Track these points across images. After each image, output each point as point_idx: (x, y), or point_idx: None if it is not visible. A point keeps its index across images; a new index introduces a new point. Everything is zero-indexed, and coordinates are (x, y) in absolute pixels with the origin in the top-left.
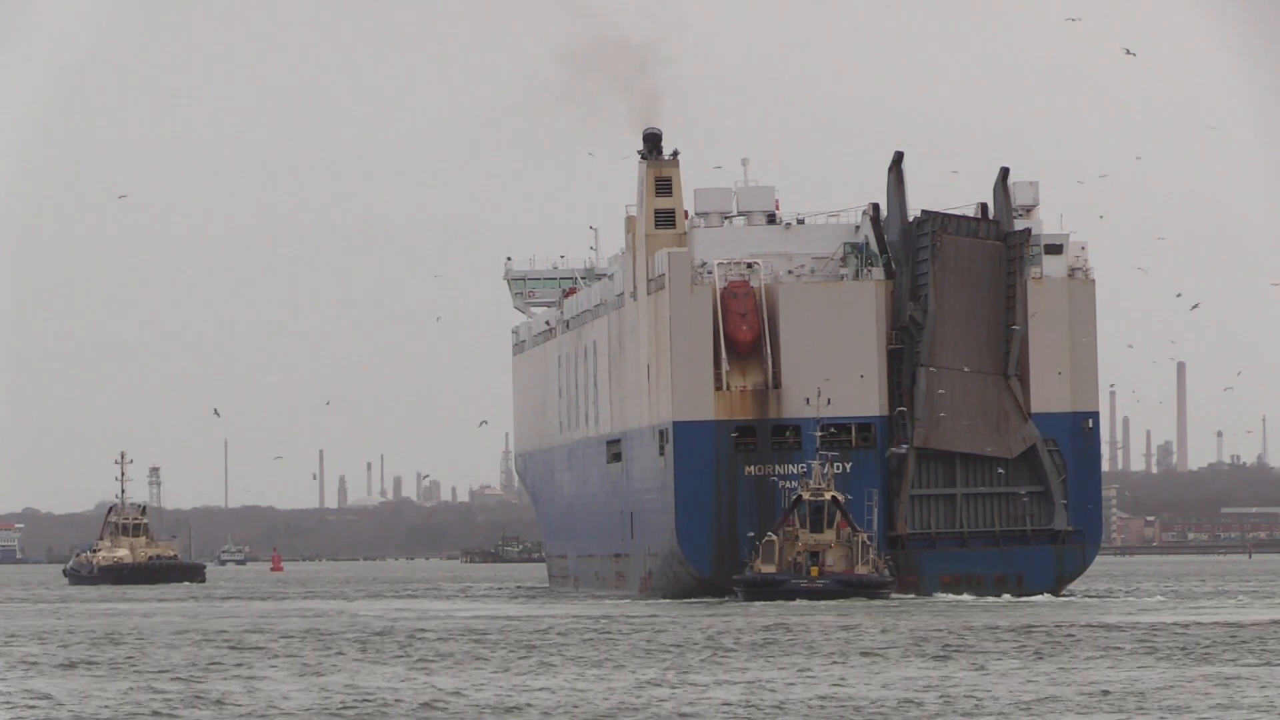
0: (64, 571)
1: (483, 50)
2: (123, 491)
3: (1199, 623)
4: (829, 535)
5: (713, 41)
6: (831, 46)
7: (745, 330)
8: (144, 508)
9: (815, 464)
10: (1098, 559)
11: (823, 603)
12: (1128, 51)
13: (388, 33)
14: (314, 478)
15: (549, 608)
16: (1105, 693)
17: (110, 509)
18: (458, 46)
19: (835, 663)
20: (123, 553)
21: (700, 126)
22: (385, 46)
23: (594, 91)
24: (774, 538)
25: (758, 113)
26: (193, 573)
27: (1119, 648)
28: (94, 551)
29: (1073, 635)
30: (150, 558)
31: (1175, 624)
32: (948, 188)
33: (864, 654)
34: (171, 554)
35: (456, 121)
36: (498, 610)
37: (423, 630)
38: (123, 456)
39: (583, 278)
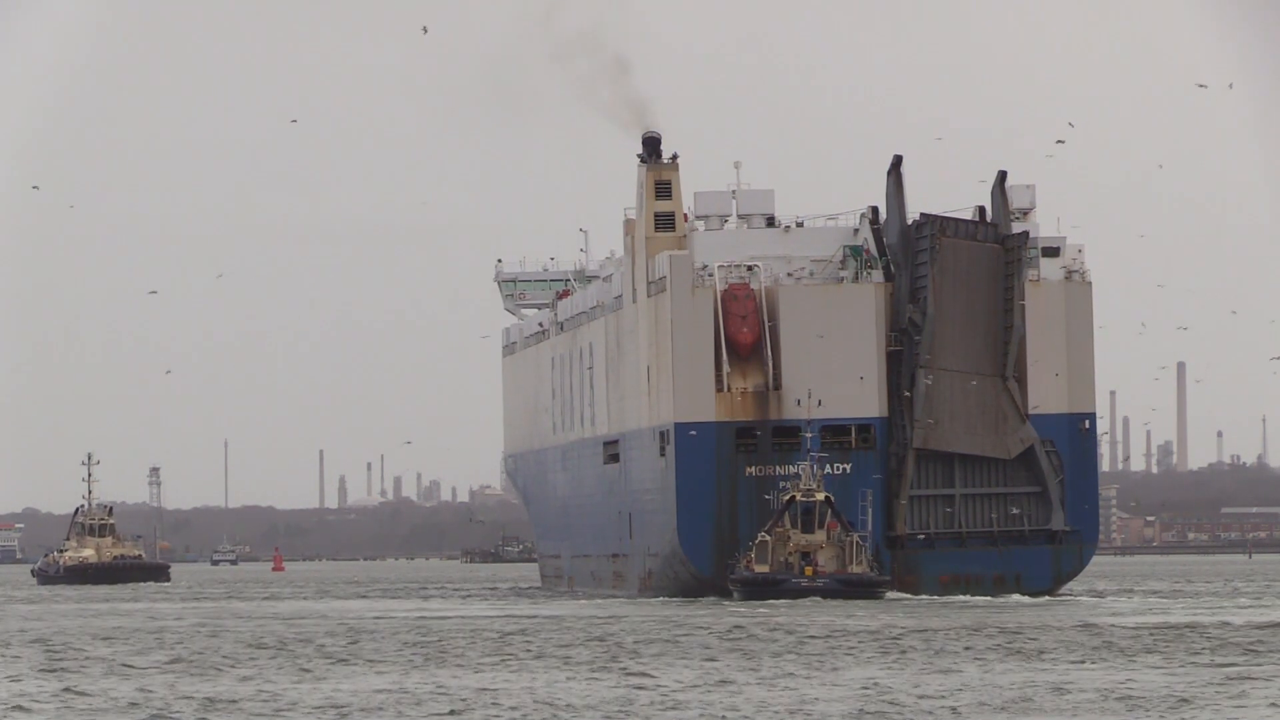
0: (32, 572)
1: (476, 51)
2: (89, 493)
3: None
4: (819, 536)
5: (712, 44)
6: (831, 50)
7: (746, 332)
8: (110, 508)
9: (805, 465)
10: (1098, 559)
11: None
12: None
13: (379, 35)
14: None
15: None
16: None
17: (77, 510)
18: (449, 49)
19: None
20: (88, 553)
21: (699, 130)
22: (376, 48)
23: (586, 91)
24: (767, 538)
25: (756, 116)
26: (157, 573)
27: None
28: (61, 552)
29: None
30: (115, 558)
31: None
32: (946, 191)
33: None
34: (136, 554)
35: (450, 123)
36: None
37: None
38: (89, 458)
39: (574, 279)
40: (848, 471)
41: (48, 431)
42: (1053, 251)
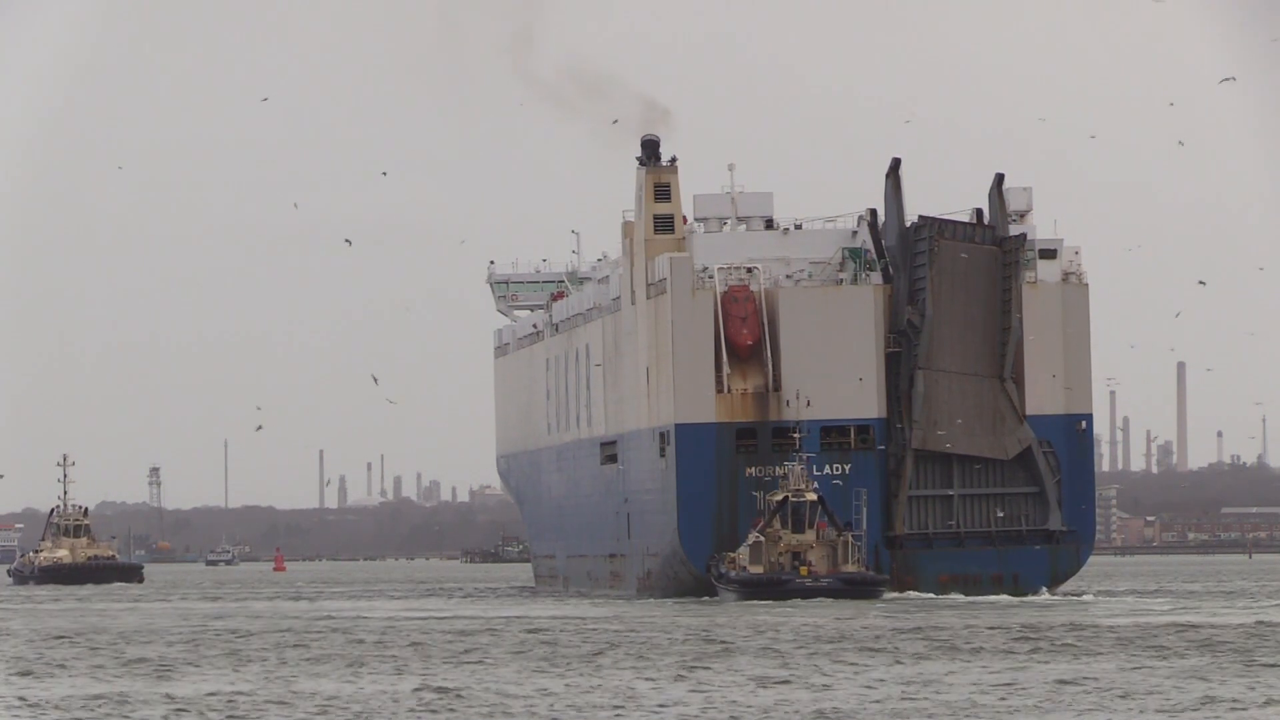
0: (8, 572)
1: (470, 54)
2: (65, 493)
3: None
4: (810, 536)
5: (710, 48)
6: (829, 52)
7: (746, 334)
8: (86, 510)
9: (795, 465)
10: (1099, 560)
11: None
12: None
13: (375, 36)
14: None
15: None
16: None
17: (52, 510)
18: (440, 50)
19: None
20: (62, 553)
21: (696, 132)
22: (372, 50)
23: (583, 93)
24: (760, 538)
25: (754, 119)
26: (130, 573)
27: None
28: (36, 553)
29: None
30: (89, 558)
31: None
32: (944, 194)
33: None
34: (110, 554)
35: (444, 125)
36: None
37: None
38: (65, 459)
39: (567, 281)
40: (847, 472)
41: (48, 432)
42: (1050, 253)
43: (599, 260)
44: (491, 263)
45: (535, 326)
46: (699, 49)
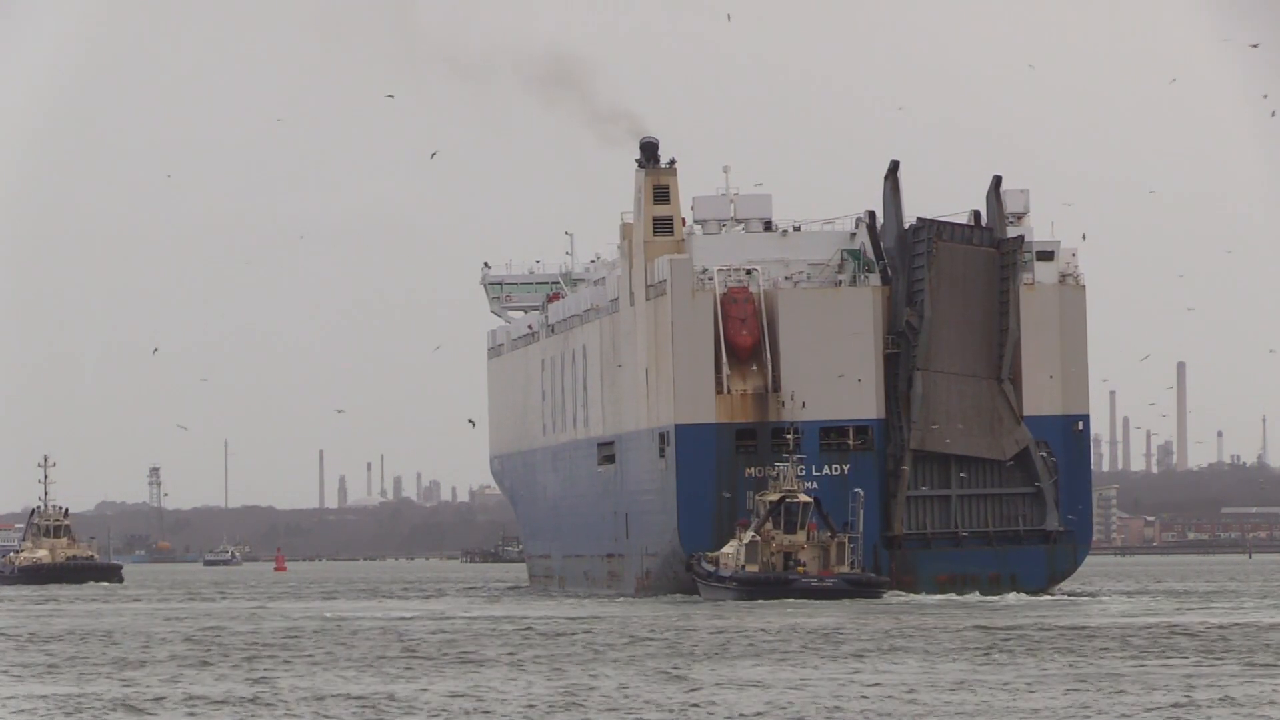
0: None
1: (465, 53)
2: (45, 494)
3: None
4: (801, 536)
5: (709, 49)
6: (827, 54)
7: (745, 335)
8: (66, 510)
9: (787, 466)
10: (1099, 560)
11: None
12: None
13: (371, 35)
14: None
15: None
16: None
17: (33, 511)
18: (439, 48)
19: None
20: (42, 554)
21: (694, 135)
22: (367, 49)
23: (580, 95)
24: (756, 538)
25: (752, 121)
26: (109, 573)
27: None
28: (17, 553)
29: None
30: (68, 558)
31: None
32: (942, 196)
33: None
34: (89, 554)
35: (440, 126)
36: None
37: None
38: (45, 460)
39: (562, 282)
40: (845, 473)
41: (48, 432)
42: (1047, 255)
43: (593, 261)
44: (486, 264)
45: (530, 328)
46: (697, 49)
